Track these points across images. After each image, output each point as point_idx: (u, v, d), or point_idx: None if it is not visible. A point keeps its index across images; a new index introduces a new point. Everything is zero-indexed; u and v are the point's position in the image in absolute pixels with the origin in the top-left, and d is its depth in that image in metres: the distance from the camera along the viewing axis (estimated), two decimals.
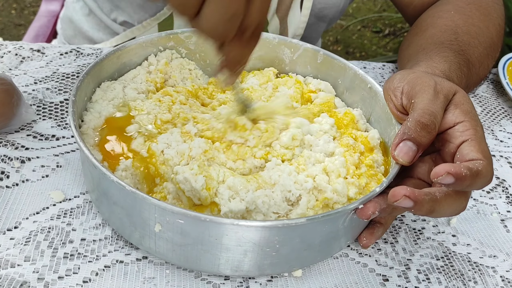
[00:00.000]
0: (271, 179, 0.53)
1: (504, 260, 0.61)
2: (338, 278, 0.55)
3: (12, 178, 0.59)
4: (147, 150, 0.55)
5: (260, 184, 0.53)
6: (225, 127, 0.58)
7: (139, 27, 0.90)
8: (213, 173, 0.53)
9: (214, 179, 0.52)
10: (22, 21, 2.53)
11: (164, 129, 0.59)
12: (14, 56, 0.77)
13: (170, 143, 0.56)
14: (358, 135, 0.61)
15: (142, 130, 0.58)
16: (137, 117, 0.59)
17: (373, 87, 0.64)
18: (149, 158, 0.55)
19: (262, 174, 0.54)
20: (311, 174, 0.54)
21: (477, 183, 0.48)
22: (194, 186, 0.51)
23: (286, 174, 0.54)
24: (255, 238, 0.47)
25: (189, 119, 0.60)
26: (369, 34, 2.77)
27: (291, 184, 0.53)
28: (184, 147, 0.55)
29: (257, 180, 0.53)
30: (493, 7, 0.81)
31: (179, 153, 0.54)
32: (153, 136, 0.57)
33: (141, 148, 0.56)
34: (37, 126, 0.66)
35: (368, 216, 0.49)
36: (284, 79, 0.70)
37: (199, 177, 0.51)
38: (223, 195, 0.51)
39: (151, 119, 0.59)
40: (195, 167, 0.52)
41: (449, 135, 0.54)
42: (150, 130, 0.58)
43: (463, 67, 0.67)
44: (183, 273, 0.53)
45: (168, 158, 0.54)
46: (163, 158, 0.54)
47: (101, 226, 0.56)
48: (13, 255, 0.51)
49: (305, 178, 0.54)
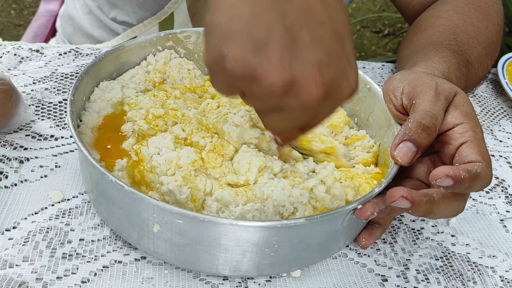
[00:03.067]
0: (263, 194, 0.52)
1: (503, 260, 0.60)
2: (337, 278, 0.55)
3: (11, 178, 0.59)
4: (136, 153, 0.55)
5: (249, 197, 0.52)
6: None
7: (139, 27, 0.90)
8: (200, 184, 0.52)
9: (200, 190, 0.51)
10: (21, 22, 2.53)
11: (155, 125, 0.58)
12: (13, 56, 0.76)
13: (161, 148, 0.55)
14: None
15: (135, 128, 0.58)
16: (129, 113, 0.59)
17: (372, 87, 0.64)
18: (138, 163, 0.54)
19: (253, 187, 0.53)
20: (307, 186, 0.54)
21: (475, 186, 0.48)
22: (179, 198, 0.50)
23: (279, 189, 0.52)
24: (254, 238, 0.47)
25: (178, 116, 0.59)
26: (368, 34, 2.77)
27: (285, 200, 0.52)
28: (172, 155, 0.54)
29: (247, 193, 0.52)
30: (492, 7, 0.81)
31: (167, 161, 0.53)
32: (145, 136, 0.57)
33: (130, 149, 0.55)
34: (35, 126, 0.66)
35: (366, 217, 0.49)
36: None
37: (184, 188, 0.51)
38: (211, 207, 0.51)
39: (143, 114, 0.59)
40: (179, 178, 0.51)
41: (448, 137, 0.53)
42: (141, 125, 0.58)
43: (462, 67, 0.67)
44: (182, 273, 0.53)
45: (155, 165, 0.53)
46: (150, 165, 0.54)
47: (100, 226, 0.56)
48: (12, 255, 0.51)
49: (301, 191, 0.53)
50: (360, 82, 0.65)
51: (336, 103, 0.42)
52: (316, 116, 0.42)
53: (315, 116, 0.42)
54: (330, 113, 0.43)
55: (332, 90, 0.39)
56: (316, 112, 0.42)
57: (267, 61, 0.37)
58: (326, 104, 0.40)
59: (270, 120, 0.43)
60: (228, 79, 0.39)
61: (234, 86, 0.40)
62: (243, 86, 0.39)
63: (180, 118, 0.59)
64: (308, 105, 0.39)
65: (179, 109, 0.60)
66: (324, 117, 0.44)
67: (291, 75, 0.37)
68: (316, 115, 0.42)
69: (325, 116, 0.43)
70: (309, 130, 0.46)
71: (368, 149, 0.64)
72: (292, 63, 0.37)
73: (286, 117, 0.41)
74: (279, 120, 0.42)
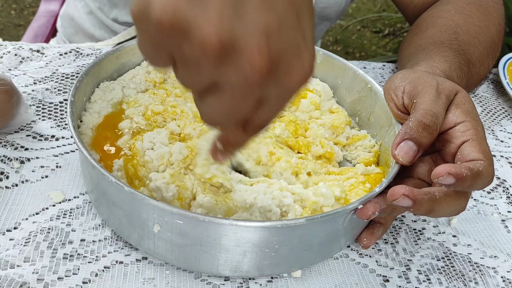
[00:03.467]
0: (246, 203, 0.52)
1: (505, 261, 0.60)
2: (338, 278, 0.55)
3: (12, 178, 0.59)
4: (130, 148, 0.54)
5: (230, 208, 0.51)
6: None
7: None
8: (188, 183, 0.51)
9: (188, 189, 0.51)
10: (21, 22, 2.53)
11: (154, 121, 0.58)
12: (14, 57, 0.76)
13: (155, 143, 0.55)
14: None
15: (133, 125, 0.58)
16: (127, 111, 0.59)
17: (373, 87, 0.64)
18: (132, 157, 0.54)
19: (234, 196, 0.52)
20: (286, 188, 0.53)
21: (477, 184, 0.48)
22: (165, 195, 0.50)
23: (262, 194, 0.52)
24: (254, 239, 0.47)
25: (177, 113, 0.59)
26: (368, 34, 2.77)
27: (271, 204, 0.51)
28: (164, 150, 0.54)
29: (227, 203, 0.51)
30: (493, 6, 0.81)
31: (159, 156, 0.53)
32: (140, 132, 0.57)
33: (124, 145, 0.55)
34: (36, 126, 0.66)
35: (368, 217, 0.49)
36: None
37: (171, 186, 0.50)
38: (197, 212, 0.50)
39: (142, 110, 0.59)
40: (167, 175, 0.51)
41: (450, 135, 0.53)
42: (139, 122, 0.58)
43: (463, 66, 0.67)
44: (183, 274, 0.53)
45: (148, 160, 0.53)
46: (143, 160, 0.53)
47: (101, 226, 0.56)
48: (13, 256, 0.51)
49: (282, 193, 0.52)
50: (361, 81, 0.66)
51: (285, 88, 0.35)
52: (261, 105, 0.36)
53: (261, 105, 0.36)
54: (280, 106, 0.37)
55: (279, 66, 0.33)
56: (261, 98, 0.35)
57: (203, 13, 0.31)
58: (273, 86, 0.34)
59: (206, 106, 0.36)
60: (154, 34, 0.33)
61: (161, 46, 0.34)
62: (172, 46, 0.33)
63: (179, 115, 0.59)
64: (250, 80, 0.33)
65: (178, 106, 0.60)
66: (271, 111, 0.37)
67: (230, 34, 0.31)
68: (261, 103, 0.36)
69: (273, 108, 0.37)
70: (254, 131, 0.39)
71: (369, 148, 0.64)
72: (233, 22, 0.31)
73: (223, 101, 0.35)
74: (215, 105, 0.35)
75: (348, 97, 0.69)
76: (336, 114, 0.67)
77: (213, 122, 0.38)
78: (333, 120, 0.65)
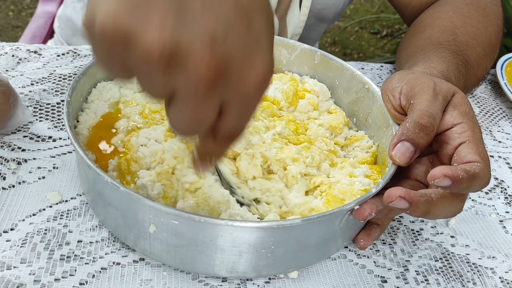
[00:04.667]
0: (223, 196, 0.51)
1: (503, 261, 0.60)
2: (336, 279, 0.55)
3: (9, 179, 0.59)
4: (124, 145, 0.54)
5: (212, 206, 0.51)
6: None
7: None
8: (175, 182, 0.51)
9: (175, 188, 0.51)
10: (19, 23, 2.53)
11: (151, 119, 0.58)
12: (11, 58, 0.76)
13: (150, 139, 0.54)
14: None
15: (130, 124, 0.57)
16: (124, 110, 0.59)
17: (370, 88, 0.64)
18: (125, 153, 0.53)
19: (210, 193, 0.51)
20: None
21: (474, 186, 0.48)
22: (150, 194, 0.50)
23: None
24: (250, 239, 0.47)
25: None
26: (366, 35, 2.77)
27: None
28: (157, 147, 0.54)
29: (209, 203, 0.51)
30: (491, 8, 0.81)
31: (152, 153, 0.53)
32: (136, 129, 0.57)
33: (118, 144, 0.55)
34: (33, 127, 0.66)
35: (364, 217, 0.49)
36: (280, 74, 0.70)
37: (157, 185, 0.50)
38: None
39: (139, 109, 0.59)
40: (153, 173, 0.51)
41: (447, 137, 0.53)
42: (136, 120, 0.58)
43: (461, 67, 0.67)
44: (180, 275, 0.53)
45: (140, 156, 0.53)
46: (136, 156, 0.53)
47: (98, 227, 0.56)
48: (9, 257, 0.51)
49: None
50: (359, 82, 0.66)
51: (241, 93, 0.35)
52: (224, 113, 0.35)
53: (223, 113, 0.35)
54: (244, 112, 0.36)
55: (229, 71, 0.33)
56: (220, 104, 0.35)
57: (144, 21, 0.31)
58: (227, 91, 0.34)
59: (170, 115, 0.36)
60: (101, 45, 0.32)
61: (111, 57, 0.33)
62: (121, 56, 0.33)
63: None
64: (199, 86, 0.32)
65: None
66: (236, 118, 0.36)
67: (174, 40, 0.31)
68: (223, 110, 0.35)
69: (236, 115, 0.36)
70: (226, 140, 0.38)
71: (366, 149, 0.64)
72: (177, 28, 0.31)
73: (182, 109, 0.34)
74: (176, 113, 0.35)
75: (346, 98, 0.69)
76: (335, 114, 0.67)
77: (180, 132, 0.37)
78: (332, 121, 0.65)
